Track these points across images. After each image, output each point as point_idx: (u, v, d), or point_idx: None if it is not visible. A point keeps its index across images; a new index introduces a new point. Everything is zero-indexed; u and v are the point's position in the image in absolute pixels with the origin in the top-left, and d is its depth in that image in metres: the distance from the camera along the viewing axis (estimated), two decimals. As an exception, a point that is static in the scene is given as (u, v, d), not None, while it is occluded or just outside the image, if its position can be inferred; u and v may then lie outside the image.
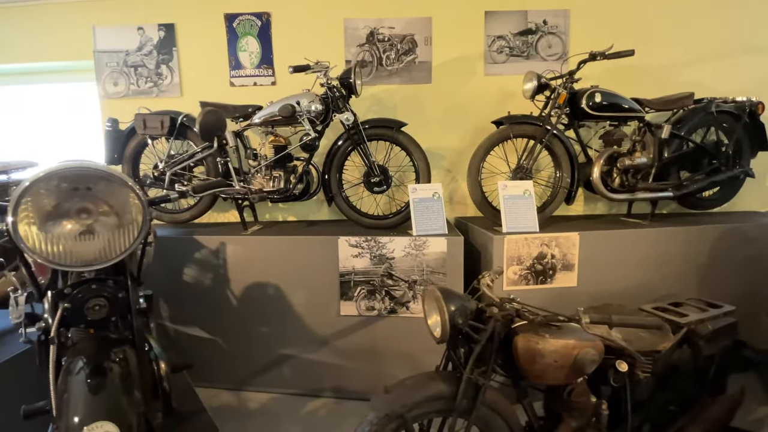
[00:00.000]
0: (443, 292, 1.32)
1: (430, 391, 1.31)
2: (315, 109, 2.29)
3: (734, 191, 2.69)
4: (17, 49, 2.86)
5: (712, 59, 2.84)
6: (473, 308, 1.34)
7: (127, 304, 0.96)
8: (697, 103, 2.53)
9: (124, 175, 0.92)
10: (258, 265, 2.34)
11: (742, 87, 2.85)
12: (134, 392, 0.82)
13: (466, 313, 1.31)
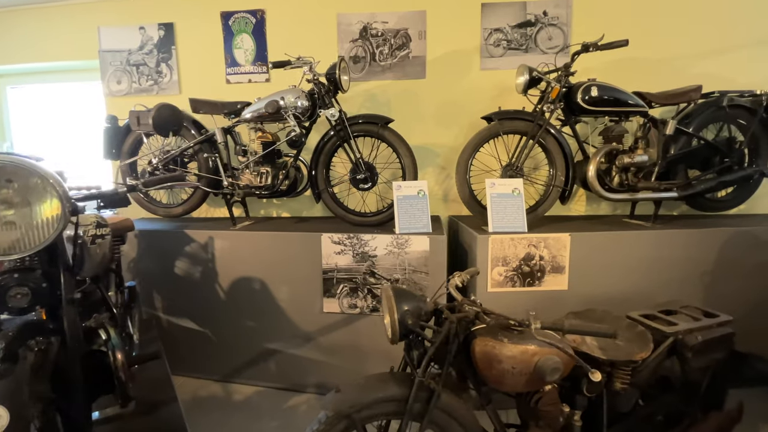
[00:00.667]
0: (397, 291, 1.29)
1: (380, 393, 1.27)
2: (301, 105, 2.28)
3: (750, 192, 2.49)
4: (28, 51, 3.01)
5: (729, 50, 2.64)
6: (429, 309, 1.30)
7: (55, 294, 0.99)
8: (707, 97, 2.36)
9: (45, 168, 0.95)
10: (244, 260, 2.37)
11: (763, 79, 2.64)
12: (43, 381, 0.84)
13: (419, 314, 1.27)
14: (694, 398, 1.64)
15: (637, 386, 1.56)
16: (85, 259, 1.16)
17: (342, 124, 2.29)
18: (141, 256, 2.51)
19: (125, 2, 2.85)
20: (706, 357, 1.60)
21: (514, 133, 2.31)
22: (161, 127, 1.98)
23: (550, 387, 1.40)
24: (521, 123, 2.27)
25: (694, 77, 2.64)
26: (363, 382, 1.30)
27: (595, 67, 2.68)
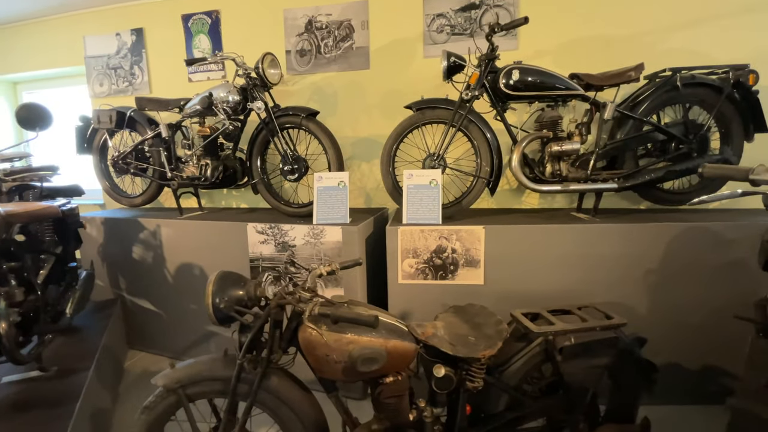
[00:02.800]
0: (222, 277, 1.34)
1: (207, 373, 1.34)
2: (232, 100, 2.38)
3: (719, 183, 2.19)
4: (37, 59, 3.42)
5: (703, 21, 2.33)
6: (252, 294, 1.33)
7: None
8: (658, 76, 2.11)
9: None
10: (186, 248, 2.54)
11: (745, 51, 2.29)
12: None
13: (237, 299, 1.31)
14: (577, 407, 1.51)
15: (505, 387, 1.47)
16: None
17: (269, 117, 2.36)
18: (107, 242, 2.79)
19: (104, 12, 3.14)
20: (582, 361, 1.47)
21: (437, 122, 2.23)
22: (24, 124, 2.21)
23: (391, 378, 1.37)
24: (443, 111, 2.19)
25: (664, 53, 2.37)
26: (194, 362, 1.37)
27: (550, 48, 2.50)
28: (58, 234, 2.18)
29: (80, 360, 2.02)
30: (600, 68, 2.22)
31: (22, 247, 1.86)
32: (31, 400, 1.65)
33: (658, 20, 2.37)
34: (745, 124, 2.10)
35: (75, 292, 2.21)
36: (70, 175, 3.51)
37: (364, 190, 2.92)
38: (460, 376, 1.40)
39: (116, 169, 2.78)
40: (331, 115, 2.86)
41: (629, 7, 2.38)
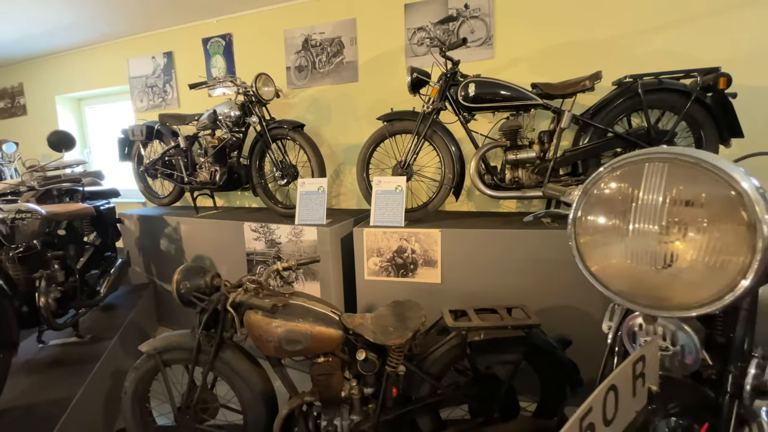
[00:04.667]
0: (186, 268, 1.67)
1: (177, 343, 1.68)
2: (233, 115, 2.75)
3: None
4: (94, 79, 4.08)
5: (682, 22, 2.27)
6: (208, 284, 1.65)
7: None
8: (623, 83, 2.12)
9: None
10: (199, 241, 2.97)
11: (734, 54, 2.21)
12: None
13: (196, 287, 1.63)
14: (492, 398, 1.65)
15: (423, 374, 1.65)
16: (15, 232, 1.83)
17: (263, 129, 2.69)
18: (141, 235, 3.32)
19: (143, 38, 3.68)
20: (493, 356, 1.61)
21: (405, 133, 2.42)
22: (54, 146, 2.71)
23: (322, 359, 1.63)
24: (410, 123, 2.37)
25: (643, 57, 2.35)
26: (170, 334, 1.72)
27: (525, 56, 2.57)
28: (96, 228, 2.70)
29: (111, 330, 2.51)
30: (576, 74, 2.26)
31: (64, 239, 2.36)
32: (66, 358, 2.13)
33: (635, 24, 2.34)
34: (718, 128, 2.05)
35: (109, 276, 2.71)
36: (122, 177, 4.15)
37: (356, 193, 3.17)
38: (383, 361, 1.61)
39: (148, 174, 3.30)
40: (325, 125, 3.14)
41: (604, 13, 2.38)
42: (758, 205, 0.49)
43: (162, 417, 1.87)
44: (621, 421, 0.50)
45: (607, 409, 0.48)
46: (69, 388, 1.86)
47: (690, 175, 0.55)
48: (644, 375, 0.54)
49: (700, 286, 0.53)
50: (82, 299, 2.35)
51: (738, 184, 0.52)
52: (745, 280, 0.50)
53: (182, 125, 3.05)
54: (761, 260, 0.49)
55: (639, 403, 0.54)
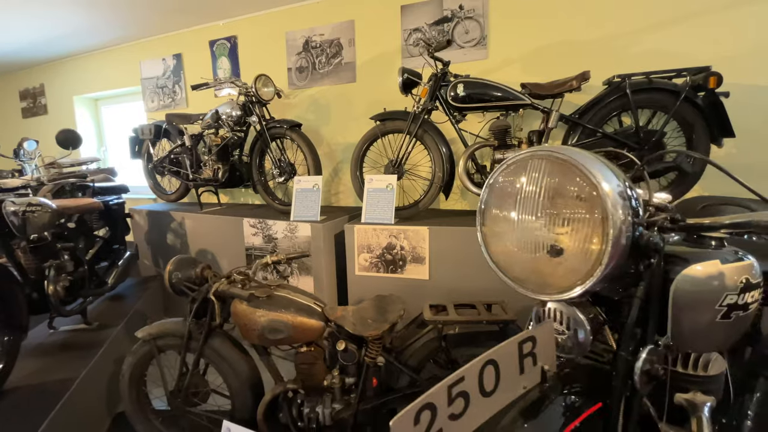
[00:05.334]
0: (179, 259, 1.77)
1: (170, 330, 1.78)
2: (235, 115, 2.86)
3: (686, 187, 2.14)
4: (110, 80, 4.27)
5: (676, 21, 2.25)
6: (198, 273, 1.75)
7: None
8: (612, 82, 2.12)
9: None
10: (203, 236, 3.09)
11: (731, 52, 2.18)
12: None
13: (187, 278, 1.73)
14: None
15: (408, 367, 1.71)
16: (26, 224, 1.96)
17: (262, 129, 2.79)
18: (150, 229, 3.47)
19: (154, 41, 3.83)
20: (468, 349, 1.65)
21: (397, 132, 2.47)
22: (61, 144, 2.85)
23: (305, 348, 1.70)
24: (402, 123, 2.42)
25: (637, 56, 2.35)
26: (165, 321, 1.83)
27: (518, 57, 2.59)
28: (106, 222, 2.84)
29: (117, 319, 2.65)
30: (569, 74, 2.26)
31: (75, 231, 2.51)
32: (73, 343, 2.27)
33: (629, 23, 2.34)
34: (709, 128, 2.04)
35: (117, 268, 2.86)
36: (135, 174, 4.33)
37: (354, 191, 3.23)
38: (364, 352, 1.68)
39: (157, 171, 3.44)
40: (325, 124, 3.22)
41: (598, 12, 2.38)
42: (608, 198, 0.53)
43: (158, 400, 1.97)
44: (505, 395, 0.55)
45: (485, 382, 0.53)
46: (73, 370, 1.99)
47: (562, 170, 0.59)
48: (535, 355, 0.59)
49: (576, 272, 0.58)
50: (90, 288, 2.49)
51: (594, 178, 0.56)
52: (600, 267, 0.55)
53: (188, 124, 3.18)
54: (612, 248, 0.53)
55: (530, 380, 0.59)
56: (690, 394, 0.91)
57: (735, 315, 0.69)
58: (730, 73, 2.17)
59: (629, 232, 0.55)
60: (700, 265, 0.68)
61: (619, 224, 0.54)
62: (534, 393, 0.59)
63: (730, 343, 0.78)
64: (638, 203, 0.60)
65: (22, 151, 3.87)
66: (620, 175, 0.59)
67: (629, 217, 0.54)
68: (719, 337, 0.71)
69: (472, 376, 0.52)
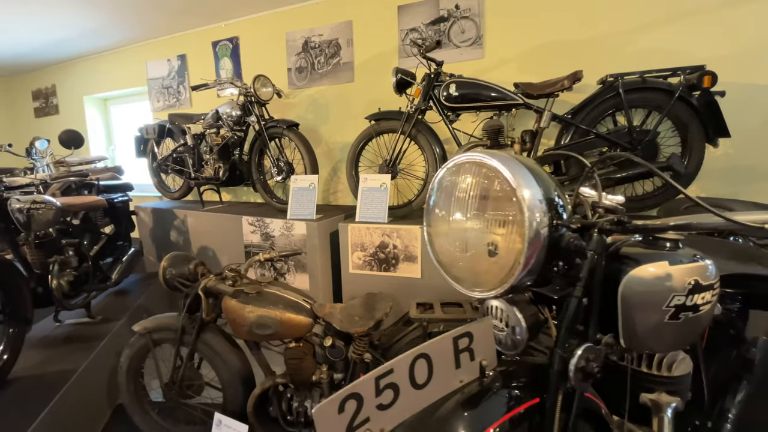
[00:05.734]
0: (174, 256, 1.82)
1: (165, 324, 1.84)
2: (234, 115, 2.91)
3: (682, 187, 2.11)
4: (117, 81, 4.38)
5: (672, 19, 2.22)
6: (191, 270, 1.80)
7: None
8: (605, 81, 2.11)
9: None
10: (204, 233, 3.16)
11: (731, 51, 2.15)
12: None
13: (180, 273, 1.78)
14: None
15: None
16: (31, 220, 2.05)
17: (261, 128, 2.83)
18: (154, 226, 3.55)
19: (159, 42, 3.91)
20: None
21: (391, 132, 2.49)
22: (64, 144, 2.95)
23: (294, 344, 1.74)
24: (396, 123, 2.45)
25: (634, 55, 2.33)
26: (160, 316, 1.88)
27: (514, 56, 2.59)
28: (110, 219, 2.93)
29: (120, 313, 2.73)
30: (565, 74, 2.25)
31: (80, 228, 2.59)
32: (77, 336, 2.35)
33: (625, 22, 2.32)
34: (704, 128, 2.01)
35: (121, 264, 2.94)
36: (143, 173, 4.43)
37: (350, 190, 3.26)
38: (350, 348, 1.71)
39: (161, 170, 3.53)
40: (323, 124, 3.26)
41: (594, 11, 2.37)
42: (524, 201, 0.55)
43: (154, 392, 2.04)
44: (440, 388, 0.57)
45: (417, 375, 0.55)
46: (75, 362, 2.06)
47: (489, 175, 0.61)
48: (472, 350, 0.61)
49: (505, 271, 0.60)
50: (93, 283, 2.58)
51: (512, 183, 0.58)
52: (519, 266, 0.57)
53: (190, 124, 3.25)
54: (529, 248, 0.55)
55: (468, 374, 0.61)
56: (655, 394, 0.93)
57: (684, 316, 0.70)
58: (729, 72, 2.15)
59: (546, 233, 0.56)
60: (648, 266, 0.69)
61: (535, 226, 0.56)
62: (472, 387, 0.61)
63: (685, 343, 0.79)
64: (563, 206, 0.62)
65: (34, 149, 3.99)
66: (546, 180, 0.61)
67: (545, 219, 0.56)
68: (669, 338, 0.72)
69: (402, 369, 0.54)
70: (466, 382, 0.61)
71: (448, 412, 0.57)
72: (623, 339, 0.74)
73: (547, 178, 0.61)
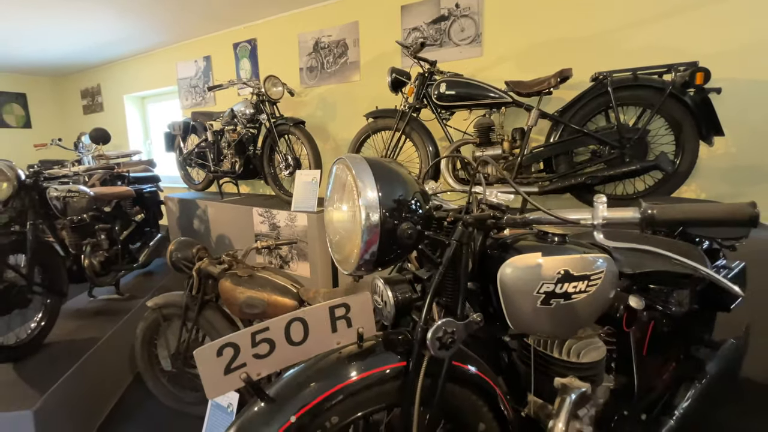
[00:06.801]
0: (180, 241, 2.05)
1: (173, 302, 2.07)
2: (247, 113, 3.13)
3: (673, 186, 2.09)
4: (153, 80, 4.76)
5: (669, 14, 2.17)
6: (194, 254, 2.01)
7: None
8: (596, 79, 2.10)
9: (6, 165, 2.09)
10: (221, 222, 3.43)
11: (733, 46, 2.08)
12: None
13: (184, 257, 2.00)
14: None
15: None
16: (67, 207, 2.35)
17: (271, 126, 3.03)
18: (181, 214, 3.88)
19: (188, 44, 4.22)
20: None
21: (388, 129, 2.60)
22: (94, 140, 3.25)
23: (281, 325, 1.92)
24: (392, 120, 2.55)
25: (632, 52, 2.29)
26: (170, 293, 2.12)
27: (512, 54, 2.61)
28: (140, 207, 3.25)
29: (145, 291, 3.05)
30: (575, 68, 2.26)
31: (111, 215, 2.92)
32: (106, 309, 2.68)
33: (623, 18, 2.28)
34: (698, 126, 1.97)
35: (149, 248, 3.27)
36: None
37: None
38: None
39: (186, 164, 3.83)
40: (331, 121, 3.41)
41: (591, 8, 2.34)
42: (361, 197, 0.65)
43: (165, 361, 2.29)
44: (317, 346, 0.69)
45: (293, 334, 0.67)
46: (102, 331, 2.37)
47: (346, 172, 0.72)
48: (350, 318, 0.72)
49: (354, 254, 0.71)
50: (122, 264, 2.90)
51: (356, 180, 0.68)
52: (359, 251, 0.68)
53: (211, 121, 3.51)
54: (367, 236, 0.65)
55: (346, 338, 0.72)
56: (567, 378, 1.01)
57: (555, 302, 0.78)
58: (733, 68, 2.08)
59: (378, 224, 0.67)
60: (522, 256, 0.78)
61: (370, 217, 0.66)
62: (350, 348, 0.72)
63: (566, 328, 0.87)
64: (415, 203, 0.73)
65: (80, 144, 4.45)
66: (400, 182, 0.71)
67: (379, 213, 0.66)
68: (546, 322, 0.80)
69: (278, 329, 0.67)
70: (344, 344, 0.73)
71: (323, 364, 0.70)
72: (509, 320, 0.84)
73: (401, 179, 0.72)
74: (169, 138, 3.97)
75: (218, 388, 0.64)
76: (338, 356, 0.71)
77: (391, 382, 0.71)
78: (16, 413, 1.62)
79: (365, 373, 0.68)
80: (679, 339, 1.34)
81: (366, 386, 0.68)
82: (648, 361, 1.27)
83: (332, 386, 0.66)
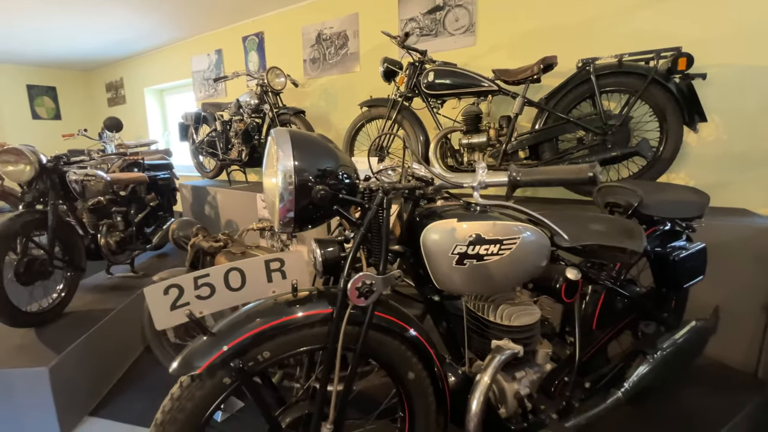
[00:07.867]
0: (181, 221, 2.22)
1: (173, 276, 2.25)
2: (252, 103, 3.28)
3: (658, 173, 2.10)
4: (171, 73, 4.99)
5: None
6: (194, 232, 2.18)
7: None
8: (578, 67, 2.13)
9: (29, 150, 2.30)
10: (229, 208, 3.62)
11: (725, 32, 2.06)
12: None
13: (185, 235, 2.16)
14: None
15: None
16: (85, 190, 2.57)
17: (273, 116, 3.18)
18: (193, 200, 4.11)
19: (202, 38, 4.41)
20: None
21: (381, 118, 2.69)
22: (108, 128, 3.44)
23: (271, 299, 2.07)
24: (383, 109, 2.64)
25: (626, 37, 2.29)
26: (173, 269, 2.30)
27: (505, 42, 2.64)
28: (154, 193, 3.48)
29: (158, 270, 3.27)
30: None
31: (127, 198, 3.14)
32: (121, 286, 2.90)
33: (613, 5, 2.28)
34: (681, 112, 1.98)
35: (162, 231, 3.49)
36: (186, 155, 5.05)
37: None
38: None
39: (198, 152, 4.04)
40: (333, 110, 3.53)
41: (582, -6, 2.35)
42: (279, 164, 0.76)
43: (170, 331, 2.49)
44: (254, 293, 0.81)
45: (231, 281, 0.79)
46: (116, 304, 2.58)
47: (271, 144, 0.83)
48: (284, 272, 0.83)
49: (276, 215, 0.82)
50: (136, 245, 3.12)
51: (277, 151, 0.78)
52: (278, 211, 0.78)
53: (219, 112, 3.69)
54: (281, 197, 0.76)
55: (281, 288, 0.84)
56: (503, 341, 1.10)
57: (468, 263, 0.87)
58: (720, 54, 2.06)
59: (292, 188, 0.77)
60: (440, 222, 0.88)
61: (285, 179, 0.77)
62: (284, 297, 0.84)
63: (484, 287, 0.95)
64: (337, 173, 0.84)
65: (104, 133, 4.73)
66: (326, 154, 0.82)
67: (294, 178, 0.77)
68: (462, 280, 0.89)
69: (217, 276, 0.79)
70: (279, 293, 0.85)
71: (259, 307, 0.81)
72: (434, 280, 0.93)
73: (324, 152, 0.82)
74: (183, 128, 4.19)
75: (165, 320, 0.77)
76: (274, 302, 0.83)
77: (319, 326, 0.82)
78: (34, 369, 1.83)
79: (294, 315, 0.80)
80: (632, 315, 1.39)
81: (296, 327, 0.80)
82: (597, 334, 1.34)
83: (263, 324, 0.77)
